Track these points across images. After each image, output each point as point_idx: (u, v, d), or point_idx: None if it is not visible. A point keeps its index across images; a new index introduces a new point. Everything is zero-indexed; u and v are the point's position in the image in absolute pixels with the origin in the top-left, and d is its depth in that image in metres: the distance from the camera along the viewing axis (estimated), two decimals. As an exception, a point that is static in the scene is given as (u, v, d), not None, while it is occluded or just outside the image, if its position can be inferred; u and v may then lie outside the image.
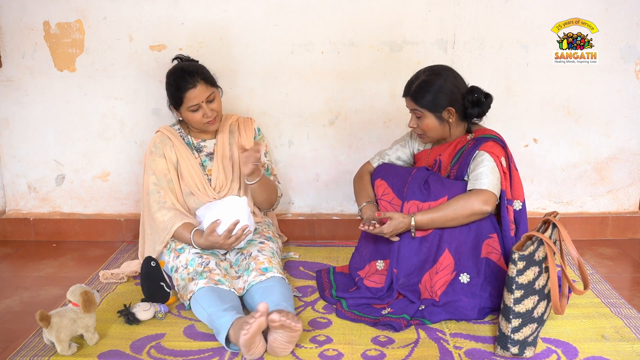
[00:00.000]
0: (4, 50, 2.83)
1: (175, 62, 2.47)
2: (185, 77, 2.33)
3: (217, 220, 2.22)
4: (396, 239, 2.20)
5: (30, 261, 2.77)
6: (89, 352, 1.92)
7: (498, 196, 2.16)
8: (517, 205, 2.21)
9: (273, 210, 2.64)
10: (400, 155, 2.47)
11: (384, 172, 2.36)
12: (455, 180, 2.22)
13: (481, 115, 2.25)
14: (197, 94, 2.33)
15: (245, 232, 2.23)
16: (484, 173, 2.14)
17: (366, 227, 2.18)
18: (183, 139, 2.51)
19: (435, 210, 2.13)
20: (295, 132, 2.91)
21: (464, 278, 2.13)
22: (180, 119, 2.47)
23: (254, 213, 2.51)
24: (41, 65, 2.84)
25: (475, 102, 2.21)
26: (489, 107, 2.24)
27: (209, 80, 2.39)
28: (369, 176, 2.42)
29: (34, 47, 2.82)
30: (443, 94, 2.18)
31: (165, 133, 2.49)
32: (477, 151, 2.19)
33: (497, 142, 2.20)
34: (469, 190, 2.16)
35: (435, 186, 2.18)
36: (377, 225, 2.18)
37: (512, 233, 2.19)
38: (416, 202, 2.18)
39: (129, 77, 2.84)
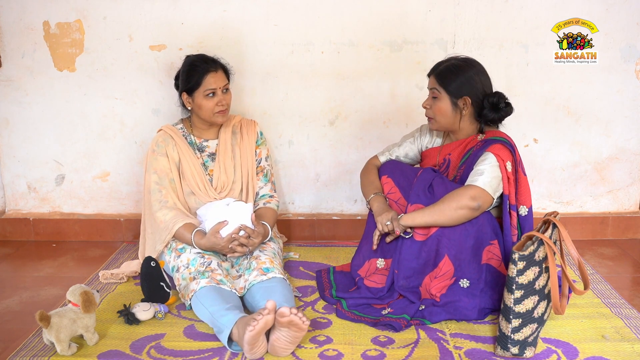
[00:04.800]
0: (4, 50, 2.83)
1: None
2: (207, 61, 2.42)
3: (225, 221, 2.23)
4: (389, 238, 2.21)
5: (30, 261, 2.77)
6: (89, 352, 1.92)
7: (494, 196, 2.13)
8: (523, 210, 2.19)
9: None
10: (408, 152, 2.45)
11: (390, 169, 2.34)
12: (462, 181, 2.21)
13: (495, 121, 2.23)
14: (217, 78, 2.39)
15: (248, 241, 2.25)
16: (481, 171, 2.12)
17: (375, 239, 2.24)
18: (185, 138, 2.51)
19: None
20: (295, 132, 2.91)
21: (464, 283, 2.13)
22: (190, 108, 2.45)
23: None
24: (41, 65, 2.84)
25: (494, 106, 2.18)
26: (507, 115, 2.21)
27: (227, 72, 2.47)
28: (377, 170, 2.41)
29: (34, 47, 2.81)
30: (467, 84, 2.17)
31: (168, 132, 2.49)
32: (483, 152, 2.17)
33: (505, 146, 2.16)
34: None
35: (439, 189, 2.17)
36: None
37: (515, 238, 2.17)
38: (420, 206, 2.17)
39: (129, 77, 2.84)
